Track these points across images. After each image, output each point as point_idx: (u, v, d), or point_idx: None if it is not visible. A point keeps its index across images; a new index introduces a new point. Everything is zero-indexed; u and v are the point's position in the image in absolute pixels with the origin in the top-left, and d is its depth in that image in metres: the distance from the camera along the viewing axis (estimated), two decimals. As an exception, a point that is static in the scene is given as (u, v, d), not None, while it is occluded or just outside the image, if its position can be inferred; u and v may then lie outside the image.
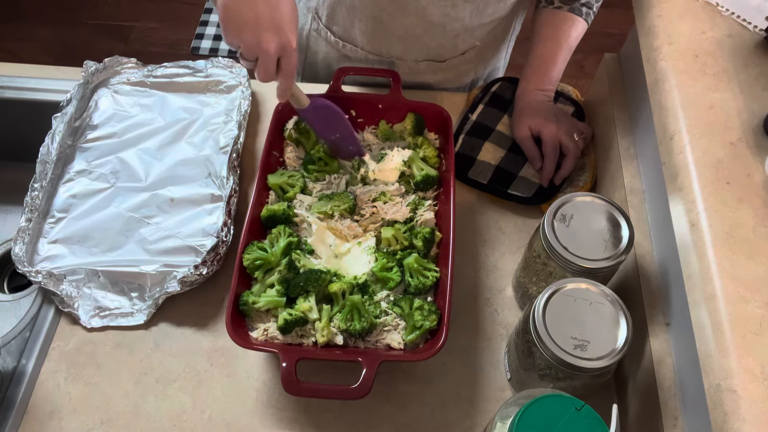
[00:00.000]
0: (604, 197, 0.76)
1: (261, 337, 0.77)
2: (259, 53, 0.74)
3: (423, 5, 0.94)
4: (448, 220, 0.83)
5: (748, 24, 0.73)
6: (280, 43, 0.73)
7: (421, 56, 1.05)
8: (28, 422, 0.76)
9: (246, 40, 0.73)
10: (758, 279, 0.56)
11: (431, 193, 0.90)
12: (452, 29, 0.99)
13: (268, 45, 0.73)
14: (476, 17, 0.98)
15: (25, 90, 1.04)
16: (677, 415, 0.68)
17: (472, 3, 0.95)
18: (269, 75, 0.77)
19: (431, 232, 0.84)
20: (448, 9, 0.95)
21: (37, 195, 0.91)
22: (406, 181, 0.90)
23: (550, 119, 0.95)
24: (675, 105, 0.68)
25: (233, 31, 0.73)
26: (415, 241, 0.84)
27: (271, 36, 0.73)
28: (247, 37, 0.72)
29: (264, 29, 0.72)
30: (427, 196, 0.90)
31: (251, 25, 0.72)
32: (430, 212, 0.87)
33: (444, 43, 1.02)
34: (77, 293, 0.84)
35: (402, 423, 0.78)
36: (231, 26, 0.72)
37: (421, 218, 0.86)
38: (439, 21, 0.97)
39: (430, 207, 0.87)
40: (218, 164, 0.96)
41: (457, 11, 0.96)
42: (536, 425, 0.55)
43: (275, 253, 0.80)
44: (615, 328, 0.66)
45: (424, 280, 0.80)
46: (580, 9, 0.98)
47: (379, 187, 0.89)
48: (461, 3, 0.95)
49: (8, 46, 2.41)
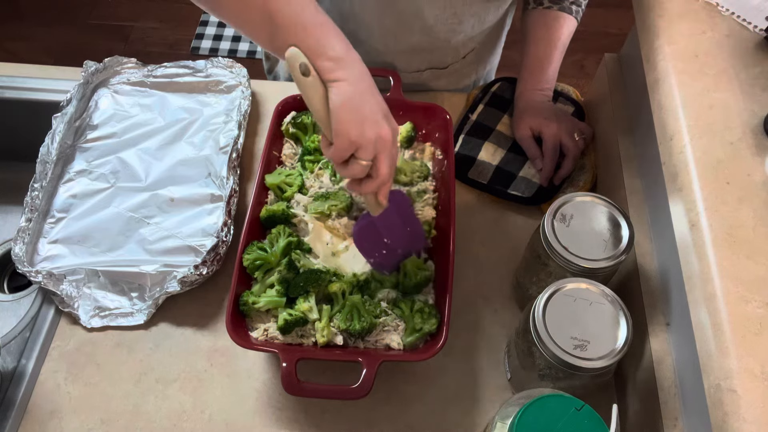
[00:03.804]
0: (604, 197, 0.76)
1: (261, 337, 0.77)
2: (381, 145, 0.65)
3: (430, 24, 0.95)
4: (449, 220, 0.83)
5: (748, 24, 0.73)
6: (392, 129, 0.67)
7: (423, 66, 1.05)
8: (28, 422, 0.76)
9: (369, 135, 0.64)
10: (758, 279, 0.56)
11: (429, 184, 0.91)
12: (456, 41, 1.00)
13: (387, 132, 0.65)
14: (478, 26, 0.99)
15: (25, 90, 1.04)
16: (677, 415, 0.68)
17: (476, 15, 0.96)
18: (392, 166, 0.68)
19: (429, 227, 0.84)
20: (454, 25, 0.96)
21: (37, 195, 0.91)
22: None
23: (551, 119, 0.95)
24: (675, 105, 0.68)
25: (355, 133, 0.64)
26: None
27: (386, 123, 0.66)
28: (370, 132, 0.64)
29: (381, 119, 0.65)
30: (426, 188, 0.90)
31: (371, 122, 0.64)
32: (429, 208, 0.87)
33: (446, 51, 1.03)
34: (77, 293, 0.84)
35: (402, 423, 0.78)
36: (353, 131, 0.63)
37: (420, 214, 0.86)
38: (445, 36, 0.98)
39: (429, 202, 0.88)
40: (218, 164, 0.96)
41: (462, 26, 0.97)
42: (536, 425, 0.55)
43: (275, 253, 0.80)
44: (615, 328, 0.66)
45: (416, 279, 0.80)
46: (570, 7, 0.99)
47: None
48: (467, 18, 0.96)
49: (8, 46, 2.41)
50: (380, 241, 0.77)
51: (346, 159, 0.66)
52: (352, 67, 0.64)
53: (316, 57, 0.62)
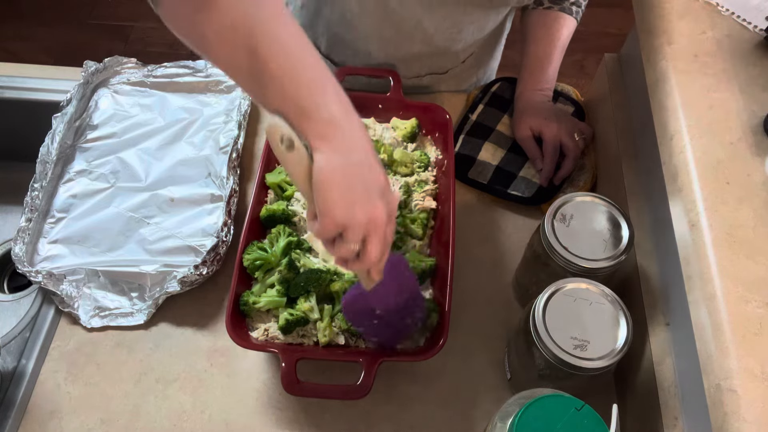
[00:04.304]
0: (604, 197, 0.76)
1: (262, 338, 0.77)
2: (372, 228, 0.57)
3: (430, 33, 0.95)
4: (449, 220, 0.83)
5: (748, 24, 0.73)
6: (388, 208, 0.58)
7: (423, 71, 1.05)
8: (28, 422, 0.76)
9: (359, 218, 0.56)
10: (758, 279, 0.56)
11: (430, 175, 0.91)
12: (456, 48, 1.00)
13: (382, 214, 0.57)
14: (478, 33, 0.99)
15: (25, 90, 1.04)
16: (677, 415, 0.68)
17: (475, 23, 0.96)
18: (383, 250, 0.60)
19: (427, 217, 0.85)
20: (454, 34, 0.96)
21: (37, 195, 0.91)
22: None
23: (551, 119, 0.95)
24: (675, 105, 0.68)
25: (343, 213, 0.55)
26: (414, 227, 0.84)
27: (382, 203, 0.57)
28: (360, 215, 0.56)
29: (375, 197, 0.56)
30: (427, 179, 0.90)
31: (363, 201, 0.56)
32: (430, 199, 0.87)
33: (446, 57, 1.03)
34: (77, 293, 0.84)
35: (402, 423, 0.78)
36: (340, 209, 0.55)
37: (421, 203, 0.87)
38: (445, 44, 0.98)
39: (429, 192, 0.88)
40: (218, 164, 0.96)
41: (462, 34, 0.96)
42: (536, 425, 0.55)
43: (275, 253, 0.80)
44: (615, 328, 0.66)
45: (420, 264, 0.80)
46: (570, 8, 0.99)
47: None
48: (466, 26, 0.95)
49: (8, 46, 2.41)
50: (371, 311, 0.70)
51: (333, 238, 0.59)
52: (347, 133, 0.55)
53: (305, 119, 0.54)
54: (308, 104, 0.54)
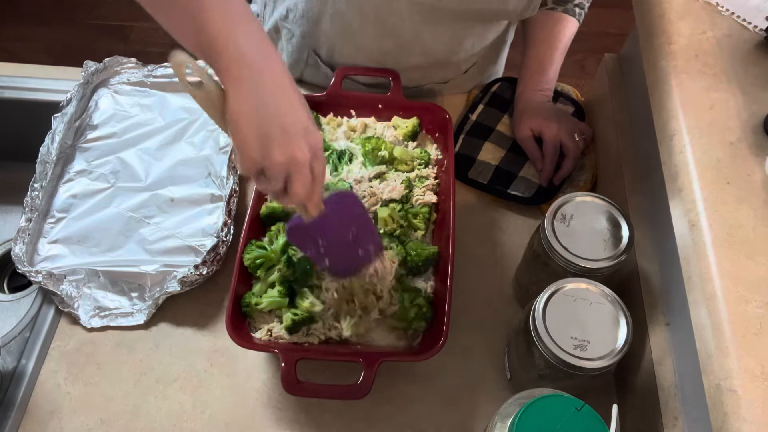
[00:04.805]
0: (604, 197, 0.76)
1: (265, 338, 0.77)
2: (293, 168, 0.58)
3: (429, 45, 0.94)
4: (449, 220, 0.83)
5: (748, 24, 0.73)
6: (310, 146, 0.58)
7: (424, 81, 1.05)
8: (28, 422, 0.76)
9: (276, 158, 0.56)
10: (758, 279, 0.56)
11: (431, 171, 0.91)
12: (457, 59, 1.00)
13: (303, 153, 0.57)
14: (479, 44, 0.99)
15: (25, 90, 1.04)
16: (677, 415, 0.68)
17: (476, 35, 0.96)
18: (308, 187, 0.60)
19: (429, 210, 0.86)
20: (454, 46, 0.96)
21: (37, 195, 0.91)
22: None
23: (551, 119, 0.95)
24: (675, 105, 0.67)
25: (258, 153, 0.56)
26: (416, 221, 0.84)
27: (303, 142, 0.57)
28: (278, 155, 0.56)
29: (294, 137, 0.57)
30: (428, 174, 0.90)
31: (280, 141, 0.56)
32: (430, 193, 0.88)
33: (447, 68, 1.03)
34: (77, 293, 0.84)
35: (402, 423, 0.78)
36: (254, 150, 0.56)
37: (422, 198, 0.87)
38: (445, 56, 0.98)
39: (430, 187, 0.88)
40: (218, 164, 0.96)
41: (462, 46, 0.96)
42: (536, 425, 0.55)
43: (275, 250, 0.80)
44: (615, 328, 0.66)
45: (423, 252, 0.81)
46: (573, 9, 0.99)
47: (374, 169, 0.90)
48: (468, 38, 0.95)
49: (8, 46, 2.41)
50: (314, 240, 0.70)
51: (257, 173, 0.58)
52: (263, 73, 0.53)
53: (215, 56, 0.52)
54: (219, 42, 0.53)
